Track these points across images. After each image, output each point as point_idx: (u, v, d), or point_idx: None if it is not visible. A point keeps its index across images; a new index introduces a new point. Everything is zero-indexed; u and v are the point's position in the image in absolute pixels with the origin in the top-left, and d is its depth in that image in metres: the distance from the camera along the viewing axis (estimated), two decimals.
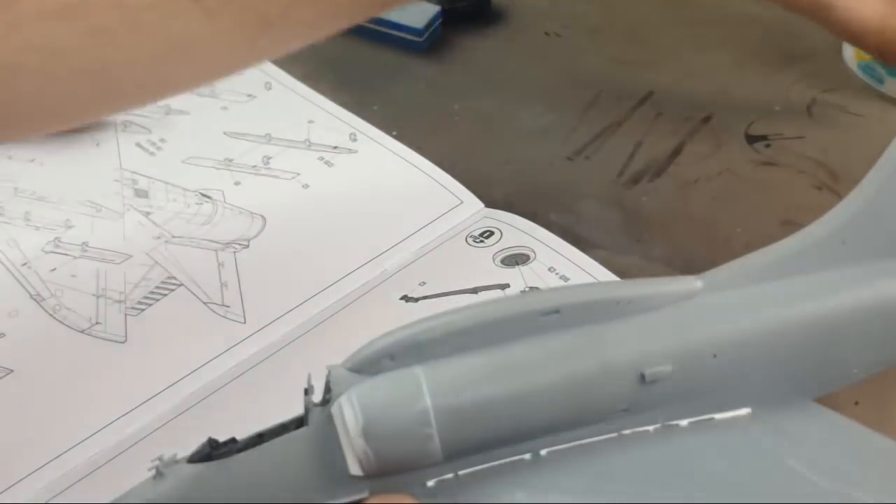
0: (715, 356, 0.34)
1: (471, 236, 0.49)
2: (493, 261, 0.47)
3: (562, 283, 0.46)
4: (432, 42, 0.63)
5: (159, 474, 0.32)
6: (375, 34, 0.63)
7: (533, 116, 0.57)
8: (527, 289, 0.45)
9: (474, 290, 0.46)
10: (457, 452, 0.32)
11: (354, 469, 0.31)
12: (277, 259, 0.49)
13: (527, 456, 0.33)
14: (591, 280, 0.46)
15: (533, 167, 0.54)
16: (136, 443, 0.41)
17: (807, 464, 0.33)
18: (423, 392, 0.31)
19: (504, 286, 0.46)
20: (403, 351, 0.32)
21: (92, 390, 0.43)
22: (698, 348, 0.34)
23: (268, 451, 0.32)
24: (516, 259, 0.47)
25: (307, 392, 0.33)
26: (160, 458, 0.32)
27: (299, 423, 0.33)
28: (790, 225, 0.39)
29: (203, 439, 0.33)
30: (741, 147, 0.54)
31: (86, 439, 0.41)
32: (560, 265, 0.47)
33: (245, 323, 0.45)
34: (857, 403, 0.41)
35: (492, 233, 0.49)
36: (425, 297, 0.46)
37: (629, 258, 0.48)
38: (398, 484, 0.32)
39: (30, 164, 0.55)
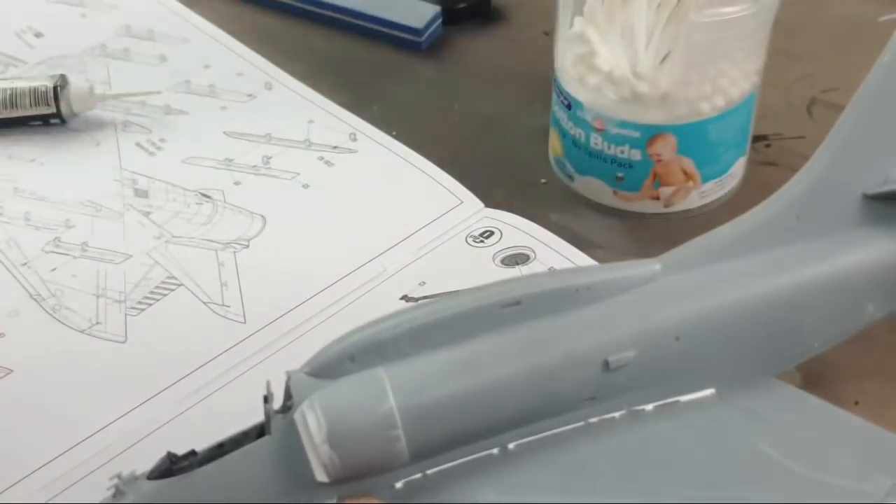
0: (677, 339, 0.34)
1: (471, 236, 0.49)
2: (494, 261, 0.47)
3: None
4: (432, 42, 0.63)
5: (119, 492, 0.31)
6: (375, 34, 0.63)
7: (533, 116, 0.57)
8: None
9: None
10: (424, 452, 0.32)
11: (320, 476, 0.31)
12: (277, 259, 0.49)
13: (495, 451, 0.33)
14: None
15: (533, 167, 0.54)
16: (135, 443, 0.41)
17: (779, 448, 0.33)
18: (386, 393, 0.31)
19: None
20: (364, 352, 0.32)
21: (92, 390, 0.43)
22: (661, 332, 0.34)
23: (230, 462, 0.31)
24: (516, 259, 0.47)
25: (266, 399, 0.32)
26: (119, 476, 0.32)
27: (260, 430, 0.32)
28: None
29: (207, 443, 0.33)
30: None
31: (86, 439, 0.41)
32: (560, 265, 0.47)
33: (245, 323, 0.45)
34: (857, 403, 0.41)
35: (492, 233, 0.49)
36: (425, 298, 0.46)
37: (629, 258, 0.48)
38: (366, 487, 0.31)
39: (30, 164, 0.55)
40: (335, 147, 0.55)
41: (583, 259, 0.47)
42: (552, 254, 0.47)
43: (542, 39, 0.62)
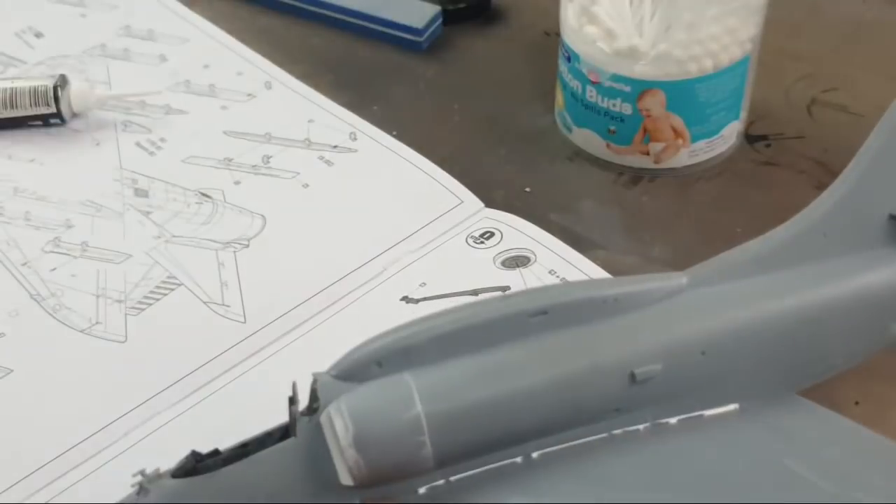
0: (703, 353, 0.34)
1: (471, 237, 0.49)
2: (494, 262, 0.47)
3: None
4: (432, 42, 0.63)
5: (143, 490, 0.31)
6: (375, 34, 0.63)
7: (533, 116, 0.57)
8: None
9: (475, 292, 0.46)
10: (448, 459, 0.32)
11: (345, 479, 0.31)
12: (277, 259, 0.49)
13: (518, 459, 0.33)
14: None
15: (533, 167, 0.54)
16: (136, 443, 0.41)
17: (804, 464, 0.33)
18: (413, 399, 0.31)
19: (504, 288, 0.46)
20: (391, 357, 0.32)
21: (92, 390, 0.43)
22: (687, 346, 0.34)
23: (254, 463, 0.32)
24: (517, 261, 0.47)
25: (292, 401, 0.32)
26: (142, 473, 0.32)
27: (284, 432, 0.32)
28: None
29: (210, 445, 0.33)
30: (741, 147, 0.54)
31: (86, 439, 0.41)
32: (561, 268, 0.47)
33: (245, 323, 0.45)
34: (857, 403, 0.41)
35: (492, 234, 0.49)
36: (425, 299, 0.46)
37: (629, 258, 0.48)
38: (389, 491, 0.32)
39: (30, 164, 0.55)
40: (335, 147, 0.55)
41: (583, 261, 0.47)
42: (553, 256, 0.47)
43: (542, 39, 0.62)
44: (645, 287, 0.35)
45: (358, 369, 0.32)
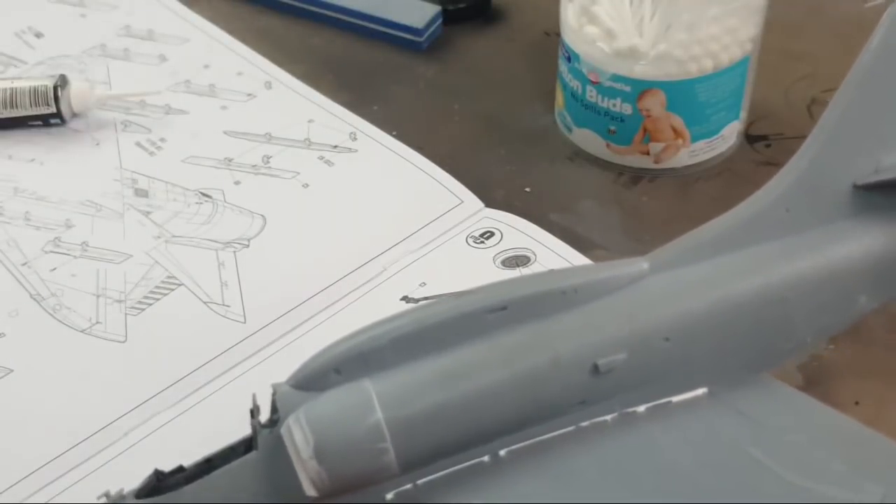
0: (667, 339, 0.34)
1: (471, 237, 0.49)
2: (494, 262, 0.47)
3: None
4: (432, 42, 0.63)
5: None
6: (375, 34, 0.63)
7: (533, 116, 0.57)
8: None
9: None
10: (413, 463, 0.31)
11: (309, 491, 0.30)
12: (277, 259, 0.49)
13: (486, 458, 0.32)
14: None
15: (533, 167, 0.54)
16: (136, 443, 0.41)
17: (769, 453, 0.33)
18: (373, 405, 0.31)
19: None
20: (349, 363, 0.32)
21: (92, 390, 0.43)
22: (650, 333, 0.34)
23: (217, 479, 0.31)
24: (517, 261, 0.47)
25: (253, 413, 0.32)
26: (107, 494, 0.32)
27: (248, 444, 0.32)
28: None
29: (210, 446, 0.33)
30: (741, 147, 0.54)
31: (86, 439, 0.41)
32: (561, 267, 0.47)
33: (245, 323, 0.45)
34: (857, 403, 0.41)
35: (492, 234, 0.49)
36: (426, 298, 0.46)
37: (629, 258, 0.48)
38: (356, 500, 0.31)
39: (30, 164, 0.55)
40: (335, 146, 0.55)
41: (583, 260, 0.47)
42: (553, 256, 0.47)
43: (542, 39, 0.62)
44: (606, 275, 0.34)
45: (317, 378, 0.32)
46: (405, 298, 0.46)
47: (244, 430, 0.34)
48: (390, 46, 0.62)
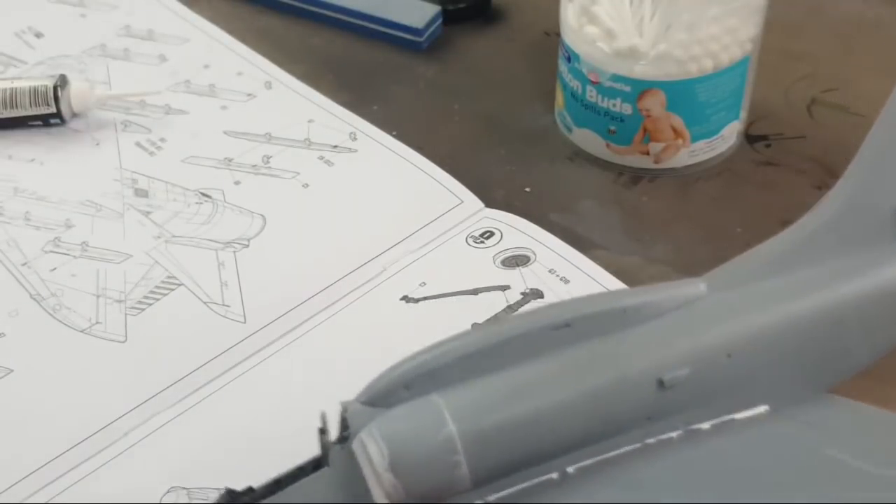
0: (729, 356, 0.34)
1: (471, 237, 0.49)
2: (494, 262, 0.47)
3: (563, 285, 0.46)
4: (432, 42, 0.63)
5: None
6: (375, 34, 0.63)
7: (533, 116, 0.57)
8: (527, 290, 0.45)
9: (475, 292, 0.46)
10: (485, 477, 0.31)
11: None
12: (277, 259, 0.49)
13: (554, 475, 0.33)
14: (591, 282, 0.46)
15: (533, 167, 0.54)
16: (136, 443, 0.41)
17: (848, 451, 0.33)
18: (445, 419, 0.31)
19: (504, 288, 0.46)
20: (417, 379, 0.32)
21: (92, 390, 0.43)
22: (713, 349, 0.34)
23: (290, 495, 0.31)
24: (517, 260, 0.47)
25: (322, 431, 0.32)
26: None
27: (316, 463, 0.32)
28: (790, 225, 0.40)
29: (210, 446, 0.33)
30: (741, 147, 0.54)
31: (86, 439, 0.41)
32: (561, 267, 0.47)
33: (245, 323, 0.45)
34: None
35: (492, 233, 0.49)
36: (425, 298, 0.46)
37: (629, 258, 0.48)
38: None
39: (30, 164, 0.55)
40: (335, 146, 0.55)
41: (583, 260, 0.47)
42: (553, 256, 0.47)
43: (542, 39, 0.62)
44: (664, 295, 0.35)
45: (386, 394, 0.32)
46: (405, 298, 0.46)
47: (245, 430, 0.34)
48: (390, 46, 0.62)
